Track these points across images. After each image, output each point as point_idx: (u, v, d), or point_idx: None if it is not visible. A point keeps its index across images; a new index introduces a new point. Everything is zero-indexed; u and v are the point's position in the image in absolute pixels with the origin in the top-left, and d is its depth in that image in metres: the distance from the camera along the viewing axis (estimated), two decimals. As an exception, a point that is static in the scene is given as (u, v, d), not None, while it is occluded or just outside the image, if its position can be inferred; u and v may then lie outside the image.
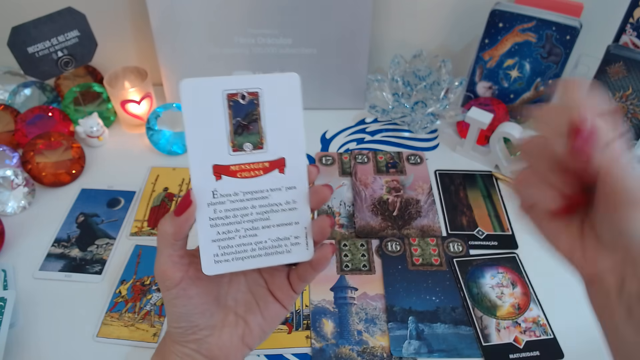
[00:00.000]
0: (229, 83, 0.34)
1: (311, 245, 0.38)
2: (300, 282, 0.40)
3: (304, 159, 0.37)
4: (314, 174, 0.37)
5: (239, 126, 0.35)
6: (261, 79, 0.35)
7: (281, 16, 0.74)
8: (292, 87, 0.36)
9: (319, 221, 0.37)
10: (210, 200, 0.35)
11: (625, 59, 0.66)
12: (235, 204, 0.36)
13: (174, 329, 0.38)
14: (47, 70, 0.68)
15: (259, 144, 0.36)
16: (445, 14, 0.82)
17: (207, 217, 0.35)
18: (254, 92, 0.35)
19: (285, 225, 0.37)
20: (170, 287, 0.36)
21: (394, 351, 0.52)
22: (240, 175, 0.36)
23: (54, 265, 0.60)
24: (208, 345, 0.38)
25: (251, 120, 0.35)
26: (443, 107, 0.77)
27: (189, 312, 0.37)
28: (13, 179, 0.65)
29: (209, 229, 0.36)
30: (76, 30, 0.68)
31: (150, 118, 0.73)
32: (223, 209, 0.36)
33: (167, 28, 0.74)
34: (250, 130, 0.35)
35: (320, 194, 0.37)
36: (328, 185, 0.37)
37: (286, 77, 0.35)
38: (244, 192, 0.36)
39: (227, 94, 0.35)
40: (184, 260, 0.36)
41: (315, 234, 0.37)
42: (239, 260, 0.36)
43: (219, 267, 0.36)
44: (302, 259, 0.38)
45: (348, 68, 0.80)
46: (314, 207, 0.37)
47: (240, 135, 0.35)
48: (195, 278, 0.37)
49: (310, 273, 0.38)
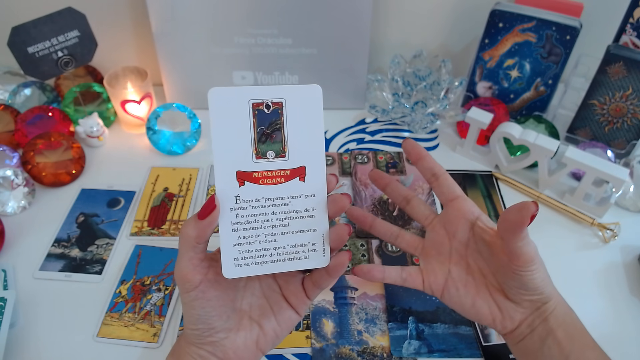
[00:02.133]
0: (254, 92, 0.36)
1: (328, 252, 0.39)
2: (315, 289, 0.41)
3: (323, 168, 0.38)
4: (333, 183, 0.38)
5: (263, 134, 0.36)
6: (285, 90, 0.36)
7: (281, 16, 0.74)
8: (314, 98, 0.37)
9: (336, 229, 0.38)
10: (233, 205, 0.36)
11: (625, 59, 0.66)
12: (257, 209, 0.37)
13: (191, 331, 0.38)
14: (47, 70, 0.68)
15: (281, 152, 0.37)
16: (445, 14, 0.82)
17: (230, 222, 0.36)
18: (278, 102, 0.36)
19: (304, 232, 0.38)
20: (189, 290, 0.36)
21: (394, 351, 0.52)
22: (263, 182, 0.37)
23: (54, 265, 0.60)
24: (223, 348, 0.39)
25: (274, 129, 0.37)
26: (443, 107, 0.77)
27: (206, 315, 0.38)
28: (13, 179, 0.65)
29: (231, 233, 0.37)
30: (76, 30, 0.68)
31: (150, 118, 0.73)
32: (245, 214, 0.37)
33: (167, 28, 0.74)
34: (274, 138, 0.37)
35: (339, 202, 0.38)
36: (347, 194, 0.38)
37: (309, 88, 0.37)
38: (265, 199, 0.37)
39: (253, 103, 0.36)
40: (204, 263, 0.37)
41: (332, 242, 0.38)
42: (258, 265, 0.37)
43: (238, 271, 0.37)
44: (319, 265, 0.39)
45: (348, 68, 0.80)
46: (332, 215, 0.38)
47: (264, 144, 0.37)
48: (214, 281, 0.38)
49: (325, 279, 0.39)
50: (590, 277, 0.60)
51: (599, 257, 0.62)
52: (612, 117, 0.71)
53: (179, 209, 0.66)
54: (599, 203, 0.67)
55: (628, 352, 0.52)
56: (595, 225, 0.64)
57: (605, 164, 0.63)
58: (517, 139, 0.67)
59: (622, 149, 0.73)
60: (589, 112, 0.73)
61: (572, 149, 0.65)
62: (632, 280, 0.59)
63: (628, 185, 0.67)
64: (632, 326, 0.55)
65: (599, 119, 0.73)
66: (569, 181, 0.71)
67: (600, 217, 0.66)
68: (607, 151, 0.71)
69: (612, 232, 0.63)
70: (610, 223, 0.64)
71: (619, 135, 0.72)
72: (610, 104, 0.70)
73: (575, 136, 0.76)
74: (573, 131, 0.76)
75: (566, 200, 0.68)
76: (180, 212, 0.66)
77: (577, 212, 0.66)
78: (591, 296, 0.57)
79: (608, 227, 0.64)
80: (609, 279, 0.59)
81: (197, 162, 0.74)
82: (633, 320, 0.55)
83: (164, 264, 0.60)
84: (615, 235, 0.63)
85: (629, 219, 0.66)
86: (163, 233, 0.63)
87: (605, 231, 0.64)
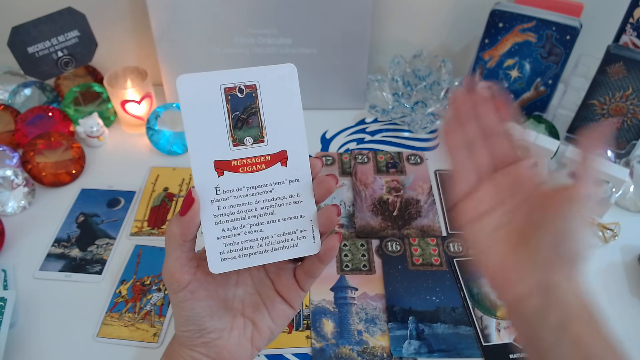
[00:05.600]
0: (225, 77, 0.34)
1: (318, 238, 0.37)
2: (308, 278, 0.39)
3: (305, 151, 0.36)
4: (318, 166, 0.37)
5: (239, 120, 0.35)
6: (258, 71, 0.35)
7: (281, 16, 0.74)
8: (289, 78, 0.35)
9: (325, 211, 0.36)
10: (213, 197, 0.35)
11: (625, 59, 0.66)
12: (239, 199, 0.35)
13: (182, 333, 0.37)
14: (47, 70, 0.68)
15: (259, 138, 0.35)
16: (445, 14, 0.82)
17: (212, 214, 0.35)
18: (252, 85, 0.35)
19: (291, 219, 0.36)
20: (178, 290, 0.35)
21: (394, 351, 0.52)
22: (243, 170, 0.35)
23: (54, 265, 0.60)
24: (217, 349, 0.37)
25: (250, 113, 0.35)
26: (443, 107, 0.77)
27: (197, 315, 0.36)
28: (13, 179, 0.65)
29: (214, 226, 0.35)
30: (76, 30, 0.68)
31: (150, 118, 0.73)
32: (227, 205, 0.35)
33: (167, 28, 0.74)
34: (250, 123, 0.35)
35: (325, 184, 0.36)
36: (333, 175, 0.36)
37: (283, 68, 0.35)
38: (247, 187, 0.35)
39: (225, 88, 0.34)
40: (192, 262, 0.36)
41: (321, 225, 0.37)
42: (246, 257, 0.36)
43: (225, 265, 0.36)
44: (310, 253, 0.37)
45: (348, 68, 0.80)
46: (319, 199, 0.37)
47: (240, 130, 0.35)
48: (203, 281, 0.36)
49: (317, 266, 0.38)
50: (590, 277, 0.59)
51: (599, 257, 0.62)
52: (612, 117, 0.71)
53: (179, 209, 0.66)
54: (599, 203, 0.67)
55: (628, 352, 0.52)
56: (595, 225, 0.64)
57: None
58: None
59: (622, 149, 0.73)
60: (589, 112, 0.73)
61: (572, 149, 0.65)
62: (632, 280, 0.59)
63: (628, 185, 0.67)
64: (632, 326, 0.55)
65: (599, 119, 0.73)
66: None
67: (600, 217, 0.66)
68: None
69: (612, 232, 0.63)
70: (610, 223, 0.64)
71: (619, 135, 0.72)
72: (610, 104, 0.70)
73: (575, 136, 0.76)
74: (573, 131, 0.76)
75: (566, 200, 0.68)
76: (180, 212, 0.66)
77: (577, 212, 0.66)
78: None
79: (608, 227, 0.64)
80: (608, 279, 0.59)
81: (197, 162, 0.74)
82: (633, 320, 0.55)
83: (164, 264, 0.60)
84: (615, 235, 0.63)
85: (629, 219, 0.66)
86: (163, 233, 0.63)
87: (605, 231, 0.64)
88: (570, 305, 0.35)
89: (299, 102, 0.35)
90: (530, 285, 0.36)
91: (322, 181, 0.36)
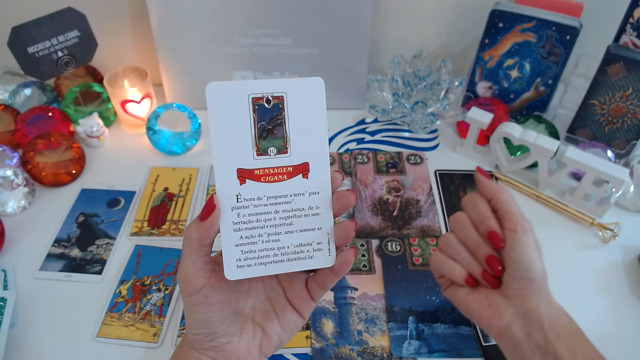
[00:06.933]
0: (254, 87, 0.35)
1: (333, 251, 0.37)
2: (320, 289, 0.40)
3: (327, 164, 0.37)
4: (339, 181, 0.37)
5: (264, 130, 0.35)
6: (286, 83, 0.35)
7: (281, 16, 0.74)
8: (317, 92, 0.36)
9: (342, 225, 0.37)
10: (234, 204, 0.35)
11: (625, 59, 0.66)
12: (259, 208, 0.36)
13: (192, 336, 0.38)
14: (47, 70, 0.68)
15: (283, 149, 0.36)
16: (445, 14, 0.82)
17: (231, 221, 0.35)
18: (279, 96, 0.35)
19: (308, 230, 0.37)
20: (192, 294, 0.36)
21: (394, 351, 0.52)
22: (264, 179, 0.36)
23: (54, 265, 0.60)
24: (226, 353, 0.38)
25: (276, 124, 0.35)
26: (443, 107, 0.77)
27: (208, 319, 0.37)
28: (13, 179, 0.65)
29: (232, 234, 0.36)
30: (76, 30, 0.68)
31: (150, 118, 0.73)
32: (247, 213, 0.36)
33: (167, 28, 0.74)
34: (275, 134, 0.35)
35: (345, 199, 0.37)
36: (353, 190, 0.37)
37: (311, 81, 0.35)
38: (267, 197, 0.36)
39: (253, 98, 0.35)
40: (208, 267, 0.36)
41: (338, 238, 0.37)
42: (261, 266, 0.36)
43: (241, 272, 0.36)
44: (324, 265, 0.37)
45: (348, 68, 0.80)
46: (337, 213, 0.37)
47: (265, 140, 0.35)
48: (217, 285, 0.37)
49: (330, 279, 0.38)
50: (590, 277, 0.60)
51: (599, 257, 0.62)
52: (612, 117, 0.71)
53: (179, 209, 0.66)
54: (599, 203, 0.67)
55: (627, 352, 0.52)
56: (595, 225, 0.64)
57: (605, 164, 0.63)
58: (517, 139, 0.67)
59: (622, 149, 0.73)
60: (589, 112, 0.73)
61: (572, 149, 0.65)
62: (632, 280, 0.59)
63: (628, 185, 0.67)
64: (632, 326, 0.55)
65: (599, 119, 0.73)
66: (569, 181, 0.71)
67: (600, 217, 0.66)
68: (607, 151, 0.71)
69: (612, 232, 0.63)
70: (610, 223, 0.64)
71: (619, 135, 0.72)
72: (610, 104, 0.70)
73: (575, 136, 0.76)
74: (573, 131, 0.76)
75: (566, 200, 0.68)
76: (180, 212, 0.66)
77: (577, 212, 0.66)
78: (591, 296, 0.57)
79: (608, 227, 0.64)
80: (608, 279, 0.59)
81: (197, 162, 0.74)
82: (633, 320, 0.55)
83: (164, 264, 0.60)
84: (615, 235, 0.63)
85: (629, 219, 0.66)
86: (163, 233, 0.63)
87: (605, 231, 0.64)
88: (553, 324, 0.39)
89: (325, 115, 0.36)
90: (510, 317, 0.40)
91: (342, 195, 0.37)
